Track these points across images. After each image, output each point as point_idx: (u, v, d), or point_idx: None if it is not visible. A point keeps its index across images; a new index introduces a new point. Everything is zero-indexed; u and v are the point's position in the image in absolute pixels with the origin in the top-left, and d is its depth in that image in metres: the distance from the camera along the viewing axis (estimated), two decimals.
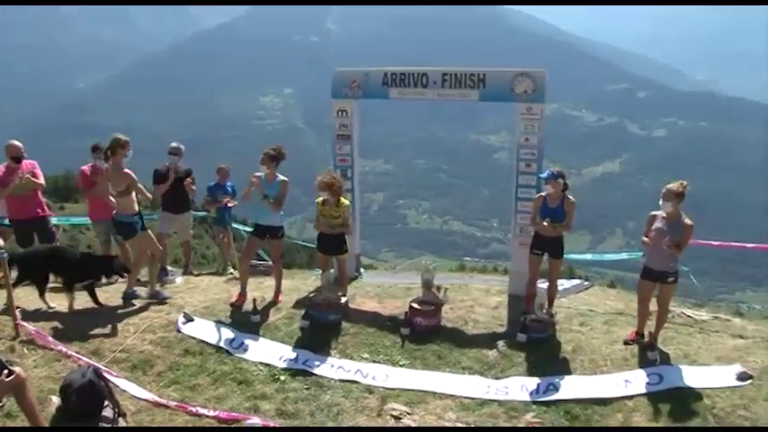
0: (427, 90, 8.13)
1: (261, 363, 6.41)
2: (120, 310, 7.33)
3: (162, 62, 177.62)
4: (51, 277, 7.34)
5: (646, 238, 6.38)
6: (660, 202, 6.26)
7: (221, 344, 6.71)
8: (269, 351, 6.62)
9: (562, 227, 6.95)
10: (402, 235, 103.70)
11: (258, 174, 7.39)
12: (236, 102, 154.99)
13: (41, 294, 7.19)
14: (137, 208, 7.34)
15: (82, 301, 7.34)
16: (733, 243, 11.69)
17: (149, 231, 7.62)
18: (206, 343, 6.71)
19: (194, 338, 6.77)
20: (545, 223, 6.91)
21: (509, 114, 8.12)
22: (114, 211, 7.40)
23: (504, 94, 7.81)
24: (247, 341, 6.77)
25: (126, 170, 7.09)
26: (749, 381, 5.75)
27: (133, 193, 7.23)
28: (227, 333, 6.93)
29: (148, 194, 8.05)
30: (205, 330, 6.94)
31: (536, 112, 7.78)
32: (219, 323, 7.15)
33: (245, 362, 6.43)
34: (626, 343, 6.66)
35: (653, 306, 6.66)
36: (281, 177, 7.44)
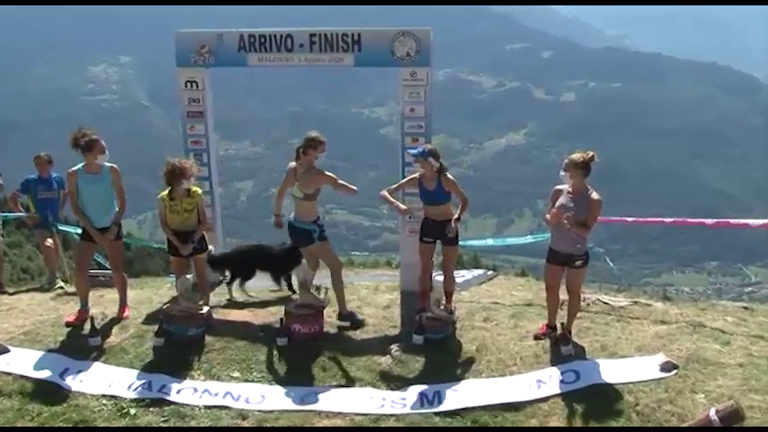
0: (293, 55, 8.18)
1: (104, 395, 6.22)
2: None
3: None
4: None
5: (549, 216, 6.64)
6: (561, 174, 6.57)
7: (49, 377, 6.43)
8: (114, 380, 6.44)
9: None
10: (277, 230, 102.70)
11: (74, 168, 7.18)
12: (57, 73, 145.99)
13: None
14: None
15: None
16: (649, 219, 12.37)
17: None
18: (27, 378, 6.40)
19: (9, 374, 6.44)
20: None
21: (395, 82, 8.29)
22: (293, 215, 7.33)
23: (383, 57, 8.00)
24: (85, 371, 6.55)
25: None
26: (674, 371, 6.12)
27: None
28: (57, 363, 6.66)
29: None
30: (25, 363, 6.63)
31: (421, 77, 8.05)
32: (46, 351, 6.86)
33: (83, 396, 6.21)
34: (536, 338, 7.00)
35: (564, 294, 7.02)
36: (107, 164, 7.27)
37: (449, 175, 7.25)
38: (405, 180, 7.59)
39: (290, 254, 8.28)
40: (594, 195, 6.44)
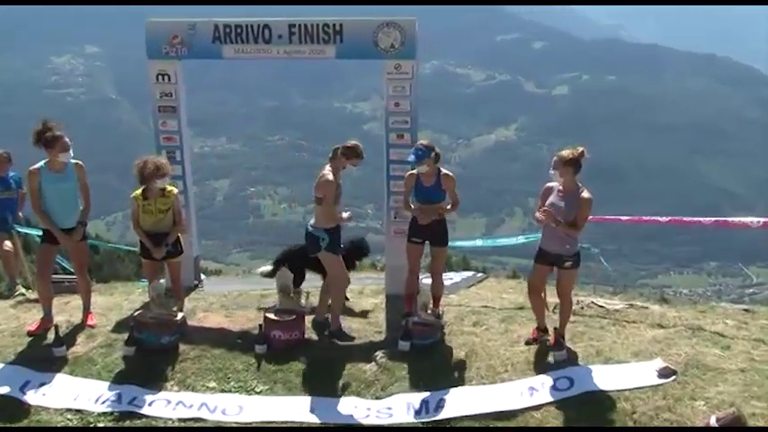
0: (271, 46, 8.17)
1: (69, 410, 6.19)
2: None
3: None
4: None
5: (538, 214, 6.66)
6: (550, 172, 6.62)
7: (8, 392, 6.37)
8: (80, 392, 6.40)
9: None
10: (256, 230, 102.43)
11: (36, 166, 7.12)
12: (17, 65, 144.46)
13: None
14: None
15: None
16: (645, 218, 12.52)
17: None
18: None
19: None
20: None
21: (380, 75, 8.31)
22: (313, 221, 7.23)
23: (366, 49, 8.01)
24: (48, 383, 6.51)
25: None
26: (672, 377, 6.16)
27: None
28: (17, 376, 6.61)
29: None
30: None
31: (406, 70, 8.06)
32: (5, 364, 6.81)
33: (47, 411, 6.17)
34: (527, 343, 7.03)
35: (551, 297, 7.07)
36: (72, 161, 7.23)
37: (449, 173, 7.33)
38: (405, 183, 7.54)
39: (348, 252, 8.06)
40: (585, 194, 6.47)
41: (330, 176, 7.05)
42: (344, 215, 7.35)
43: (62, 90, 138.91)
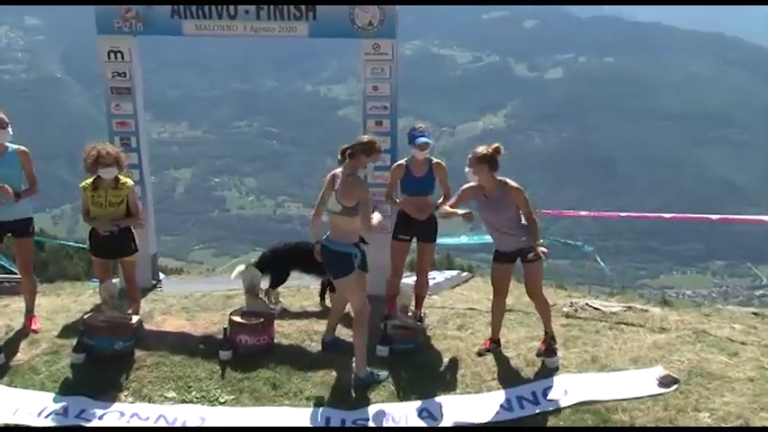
0: (237, 23, 8.11)
1: (7, 426, 6.12)
2: None
3: None
4: None
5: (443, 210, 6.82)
6: (466, 170, 6.68)
7: None
8: (21, 405, 6.33)
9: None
10: (221, 225, 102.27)
11: None
12: None
13: None
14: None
15: None
16: (645, 214, 12.59)
17: None
18: None
19: None
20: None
21: (356, 56, 8.32)
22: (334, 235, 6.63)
23: (342, 27, 8.00)
24: None
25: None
26: (674, 386, 6.24)
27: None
28: None
29: None
30: None
31: (386, 50, 8.08)
32: None
33: None
34: (479, 354, 7.08)
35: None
36: (14, 146, 7.16)
37: (440, 162, 7.41)
38: (392, 175, 7.55)
39: None
40: (512, 183, 6.60)
41: (361, 176, 6.62)
42: (376, 217, 6.69)
43: None
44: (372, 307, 6.80)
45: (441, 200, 7.39)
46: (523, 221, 6.67)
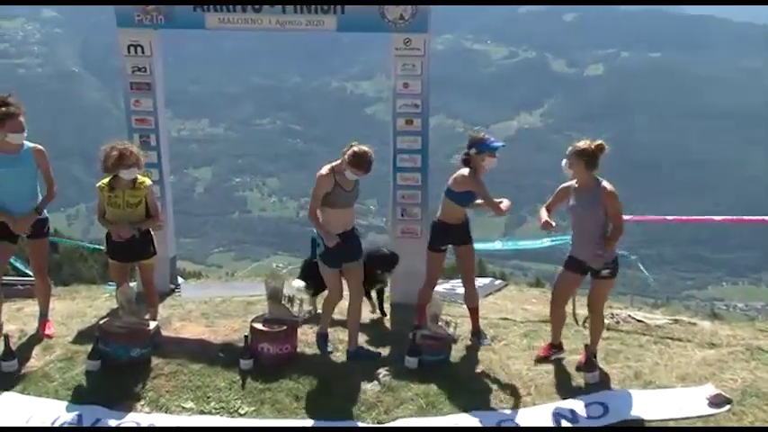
0: (262, 16, 8.14)
1: None
2: None
3: None
4: None
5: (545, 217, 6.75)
6: (563, 163, 6.66)
7: None
8: (34, 413, 6.38)
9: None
10: (242, 227, 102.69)
11: None
12: None
13: None
14: None
15: None
16: (694, 217, 12.54)
17: None
18: None
19: None
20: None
21: (386, 51, 8.29)
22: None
23: (371, 20, 8.00)
24: None
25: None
26: (726, 407, 6.13)
27: None
28: None
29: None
30: None
31: (417, 45, 8.06)
32: None
33: None
34: (538, 361, 7.07)
35: (581, 308, 7.04)
36: (29, 144, 7.21)
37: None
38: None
39: (384, 260, 8.04)
40: (606, 185, 6.54)
41: (324, 171, 7.04)
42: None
43: (13, 60, 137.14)
44: (400, 315, 6.79)
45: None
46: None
